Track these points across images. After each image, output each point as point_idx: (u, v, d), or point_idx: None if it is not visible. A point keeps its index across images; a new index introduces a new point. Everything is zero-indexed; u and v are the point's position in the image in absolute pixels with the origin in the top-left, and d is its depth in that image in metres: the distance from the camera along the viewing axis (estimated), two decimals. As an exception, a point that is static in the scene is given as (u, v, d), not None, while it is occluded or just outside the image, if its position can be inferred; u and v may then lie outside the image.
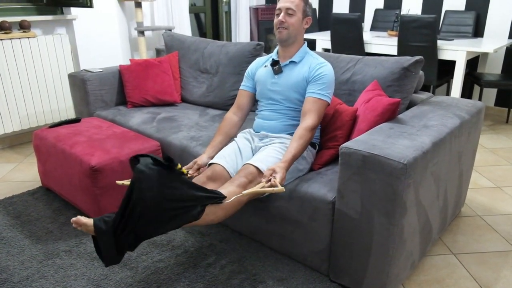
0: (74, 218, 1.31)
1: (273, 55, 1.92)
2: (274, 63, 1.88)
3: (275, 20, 1.81)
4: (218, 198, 1.43)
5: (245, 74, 2.00)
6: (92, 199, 1.93)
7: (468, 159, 1.98)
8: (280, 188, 1.45)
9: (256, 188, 1.47)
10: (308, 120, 1.70)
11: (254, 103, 2.00)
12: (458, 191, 1.97)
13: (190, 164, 1.78)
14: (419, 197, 1.48)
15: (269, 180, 1.49)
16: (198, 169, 1.77)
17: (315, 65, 1.80)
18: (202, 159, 1.80)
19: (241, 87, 2.00)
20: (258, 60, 2.02)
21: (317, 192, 1.58)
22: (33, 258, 1.79)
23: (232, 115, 1.95)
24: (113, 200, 1.98)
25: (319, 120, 1.73)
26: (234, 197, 1.47)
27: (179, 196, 1.32)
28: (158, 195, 1.28)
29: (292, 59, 1.84)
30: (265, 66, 1.93)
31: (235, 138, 1.92)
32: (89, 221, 1.31)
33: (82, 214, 2.14)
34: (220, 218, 1.47)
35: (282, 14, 1.77)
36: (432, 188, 1.59)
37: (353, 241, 1.51)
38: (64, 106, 3.28)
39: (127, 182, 1.63)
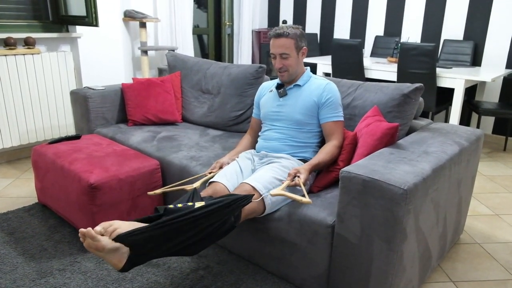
0: (84, 230, 1.22)
1: (278, 80, 2.03)
2: (279, 86, 1.98)
3: (273, 62, 1.90)
4: (246, 199, 1.49)
5: (255, 100, 2.14)
6: (89, 217, 1.91)
7: (467, 186, 1.98)
8: (307, 200, 1.53)
9: (286, 192, 1.56)
10: (335, 140, 1.83)
11: None
12: (457, 218, 1.96)
13: (214, 165, 1.89)
14: (419, 223, 1.47)
15: (293, 180, 1.63)
16: (221, 167, 1.88)
17: (323, 87, 1.88)
18: (223, 159, 1.91)
19: (253, 115, 2.16)
20: (263, 86, 2.13)
21: (317, 215, 1.57)
22: (26, 277, 1.75)
23: (249, 136, 2.13)
24: (109, 219, 1.95)
25: (343, 139, 1.85)
26: (260, 198, 1.60)
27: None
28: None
29: (296, 83, 1.93)
30: (270, 91, 2.02)
31: (236, 158, 1.92)
32: (104, 240, 1.23)
33: (77, 232, 2.11)
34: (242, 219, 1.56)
35: (278, 59, 1.85)
36: (432, 215, 1.58)
37: (352, 266, 1.49)
38: (64, 123, 3.29)
39: (159, 191, 1.79)
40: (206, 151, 2.22)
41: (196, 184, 1.75)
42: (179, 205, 1.43)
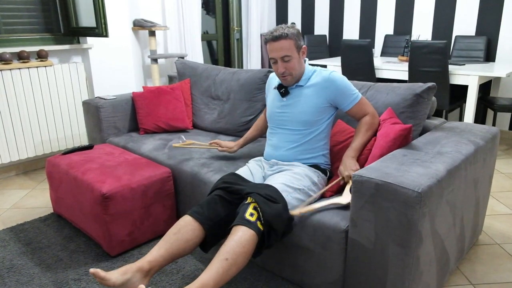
0: (92, 270, 1.36)
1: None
2: (280, 86, 1.87)
3: (274, 67, 1.78)
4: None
5: (265, 93, 2.11)
6: (103, 227, 1.93)
7: (485, 186, 1.93)
8: (346, 199, 1.61)
9: (313, 206, 1.61)
10: (366, 116, 1.82)
11: None
12: (475, 218, 1.91)
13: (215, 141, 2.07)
14: (435, 226, 1.43)
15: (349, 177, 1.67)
16: (220, 147, 2.03)
17: (325, 81, 1.80)
18: (229, 143, 2.05)
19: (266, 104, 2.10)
20: (270, 78, 2.05)
21: (330, 220, 1.55)
22: (42, 287, 1.77)
23: (263, 116, 2.15)
24: (123, 228, 1.97)
25: (371, 108, 1.84)
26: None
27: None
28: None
29: (298, 84, 1.84)
30: (274, 88, 1.93)
31: (247, 164, 1.91)
32: (108, 275, 1.37)
33: (92, 241, 2.13)
34: None
35: (279, 63, 1.74)
36: (448, 217, 1.54)
37: (368, 271, 1.46)
38: (78, 133, 3.33)
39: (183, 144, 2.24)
40: (217, 158, 2.21)
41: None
42: None
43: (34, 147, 3.11)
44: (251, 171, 1.83)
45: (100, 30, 2.97)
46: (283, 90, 1.85)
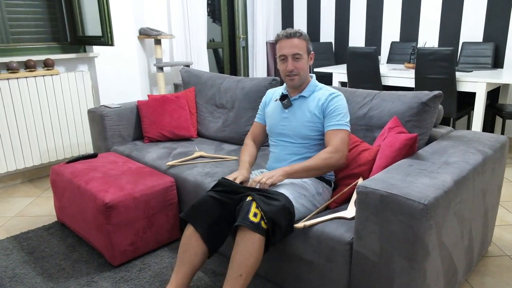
0: None
1: (282, 89, 1.92)
2: (283, 97, 1.85)
3: (281, 67, 1.76)
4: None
5: (260, 105, 2.03)
6: (105, 236, 1.91)
7: (493, 196, 1.89)
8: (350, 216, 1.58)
9: (318, 219, 1.59)
10: (329, 146, 1.70)
11: (267, 134, 2.01)
12: (484, 229, 1.87)
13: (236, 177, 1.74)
14: (442, 238, 1.40)
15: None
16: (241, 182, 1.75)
17: (325, 98, 1.77)
18: (243, 173, 1.75)
19: (256, 119, 2.04)
20: (268, 93, 2.02)
21: (334, 232, 1.52)
22: (44, 297, 1.76)
23: (250, 141, 2.02)
24: (126, 238, 1.95)
25: (341, 143, 1.69)
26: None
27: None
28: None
29: (301, 94, 1.82)
30: (276, 100, 1.91)
31: (250, 173, 1.89)
32: None
33: (95, 251, 2.11)
34: None
35: (289, 60, 1.73)
36: (456, 229, 1.51)
37: (373, 285, 1.42)
38: (83, 141, 3.34)
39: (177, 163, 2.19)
40: (221, 167, 2.20)
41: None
42: None
43: (40, 155, 3.12)
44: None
45: (105, 39, 2.99)
46: (286, 101, 1.83)
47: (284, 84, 1.90)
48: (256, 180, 1.61)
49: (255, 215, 1.45)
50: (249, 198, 1.51)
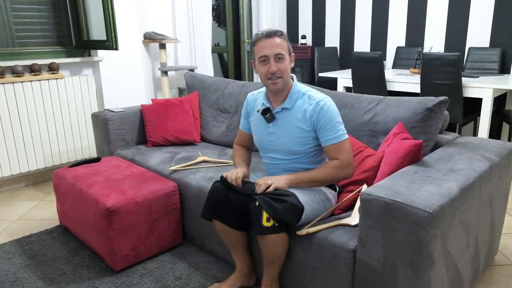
0: None
1: (263, 98, 1.74)
2: (265, 111, 1.70)
3: (262, 69, 1.60)
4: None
5: (242, 111, 1.88)
6: (107, 241, 1.90)
7: (500, 203, 1.86)
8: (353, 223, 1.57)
9: (322, 226, 1.59)
10: (336, 160, 1.62)
11: (253, 143, 1.90)
12: (490, 238, 1.84)
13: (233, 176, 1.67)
14: (447, 247, 1.37)
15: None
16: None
17: (313, 109, 1.61)
18: (243, 170, 1.71)
19: (240, 126, 1.92)
20: (248, 100, 1.85)
21: (338, 239, 1.49)
22: (45, 302, 1.75)
23: (239, 146, 1.94)
24: (128, 243, 1.94)
25: (347, 156, 1.61)
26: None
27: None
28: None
29: (284, 106, 1.67)
30: (258, 111, 1.76)
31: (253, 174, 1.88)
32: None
33: (97, 255, 2.10)
34: None
35: (272, 62, 1.57)
36: (462, 237, 1.48)
37: (377, 294, 1.40)
38: (87, 145, 3.34)
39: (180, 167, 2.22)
40: (224, 172, 2.18)
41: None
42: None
43: (44, 158, 3.12)
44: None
45: (110, 43, 3.00)
46: (269, 115, 1.69)
47: (264, 90, 1.74)
48: (261, 183, 1.58)
49: (268, 220, 1.49)
50: (257, 203, 1.51)
